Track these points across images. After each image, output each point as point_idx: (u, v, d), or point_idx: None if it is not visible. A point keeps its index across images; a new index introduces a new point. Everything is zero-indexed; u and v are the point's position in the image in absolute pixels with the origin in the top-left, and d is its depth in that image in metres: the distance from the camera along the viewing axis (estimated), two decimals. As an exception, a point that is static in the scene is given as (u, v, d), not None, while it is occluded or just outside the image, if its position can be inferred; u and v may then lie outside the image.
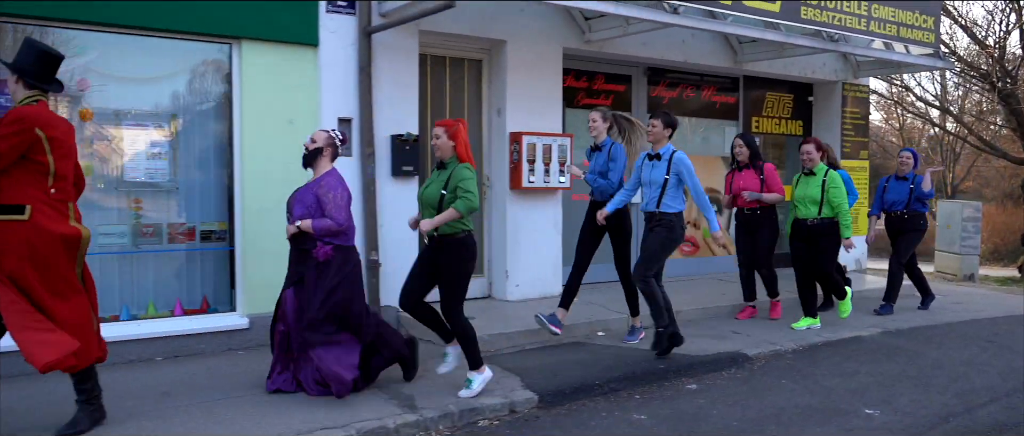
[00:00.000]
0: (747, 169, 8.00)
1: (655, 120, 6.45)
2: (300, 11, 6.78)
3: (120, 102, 6.36)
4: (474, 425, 5.14)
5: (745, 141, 8.05)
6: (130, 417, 4.80)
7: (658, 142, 6.42)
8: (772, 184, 7.89)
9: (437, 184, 5.34)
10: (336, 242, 5.22)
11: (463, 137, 5.38)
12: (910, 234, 8.68)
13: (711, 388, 6.02)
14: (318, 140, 5.41)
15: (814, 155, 7.57)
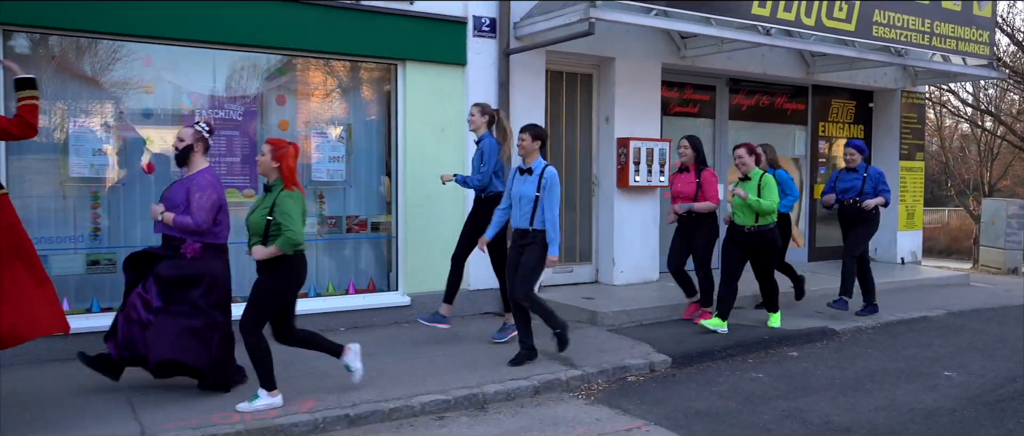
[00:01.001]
0: (687, 172, 7.83)
1: (524, 133, 6.19)
2: (452, 37, 7.91)
3: (308, 113, 7.55)
4: (624, 380, 6.24)
5: (691, 143, 7.84)
6: (319, 374, 5.95)
7: (528, 156, 6.18)
8: (707, 191, 7.66)
9: (262, 210, 5.06)
10: (204, 240, 5.25)
11: (289, 161, 5.07)
12: (861, 227, 8.34)
13: (810, 355, 7.08)
14: (185, 138, 5.32)
15: (747, 160, 7.40)
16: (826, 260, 11.88)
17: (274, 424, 4.86)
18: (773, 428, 5.15)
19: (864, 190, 8.26)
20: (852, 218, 8.38)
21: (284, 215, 4.92)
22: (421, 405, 5.36)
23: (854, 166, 8.41)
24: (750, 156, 7.41)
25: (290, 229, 4.91)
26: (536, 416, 5.39)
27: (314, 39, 7.22)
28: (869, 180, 8.29)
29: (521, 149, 6.20)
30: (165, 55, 6.83)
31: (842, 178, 8.49)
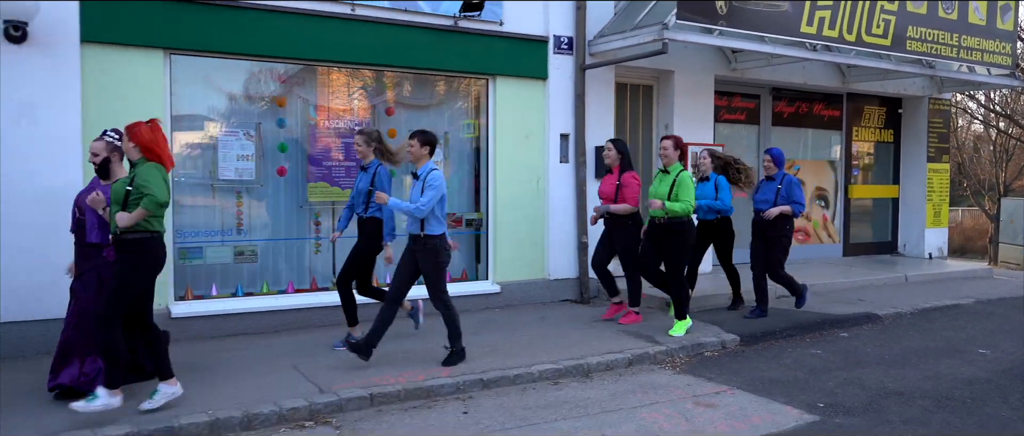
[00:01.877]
0: (611, 174, 7.82)
1: (412, 139, 6.18)
2: (536, 54, 8.83)
3: (413, 123, 8.48)
4: (701, 355, 7.15)
5: (616, 146, 7.78)
6: (434, 350, 6.89)
7: (418, 161, 6.18)
8: (626, 194, 7.60)
9: (123, 182, 5.10)
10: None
11: (143, 136, 5.04)
12: (777, 241, 8.01)
13: (859, 336, 7.97)
14: (100, 151, 5.39)
15: (670, 153, 7.28)
16: (859, 255, 12.73)
17: (424, 386, 5.80)
18: (838, 392, 6.04)
19: (777, 201, 7.93)
20: (768, 232, 8.01)
21: (143, 181, 4.92)
22: (538, 372, 6.28)
23: (771, 175, 8.10)
24: (675, 150, 7.29)
25: (150, 190, 4.88)
26: (635, 382, 6.30)
27: (421, 58, 8.16)
28: (783, 190, 7.94)
29: (411, 155, 6.21)
30: (296, 73, 7.79)
31: (761, 188, 8.21)
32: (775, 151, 8.18)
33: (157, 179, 4.97)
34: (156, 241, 5.11)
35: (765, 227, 8.00)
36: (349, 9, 7.68)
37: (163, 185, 4.99)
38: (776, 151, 8.18)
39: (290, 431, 5.11)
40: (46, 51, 6.35)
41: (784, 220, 7.95)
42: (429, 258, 6.12)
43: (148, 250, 5.06)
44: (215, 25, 7.07)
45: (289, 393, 5.54)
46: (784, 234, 7.99)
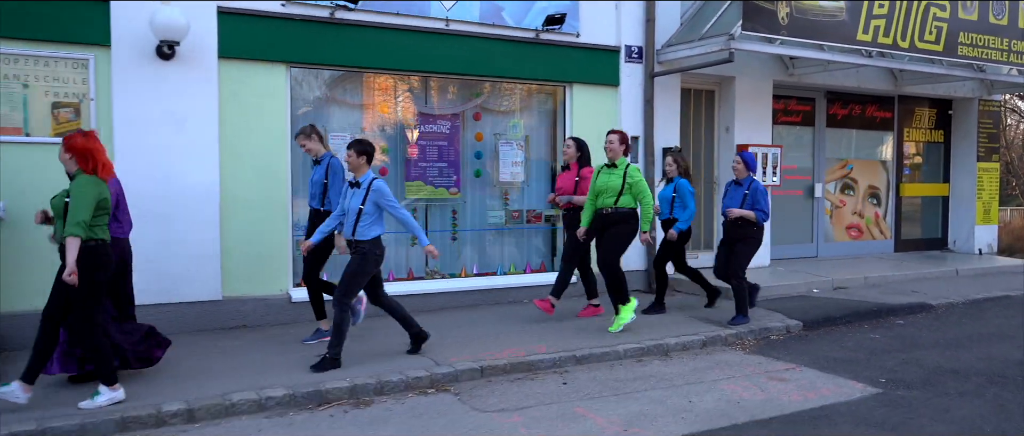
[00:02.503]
0: (569, 170, 8.06)
1: (349, 149, 6.35)
2: (608, 63, 9.52)
3: (497, 127, 9.23)
4: (768, 338, 7.78)
5: (576, 143, 8.02)
6: (529, 332, 7.60)
7: (356, 171, 6.36)
8: (583, 187, 7.82)
9: (61, 194, 5.24)
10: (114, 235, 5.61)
11: (76, 147, 5.15)
12: (740, 245, 7.93)
13: (913, 323, 8.53)
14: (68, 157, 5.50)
15: (616, 147, 7.43)
16: (910, 251, 13.19)
17: (526, 360, 6.52)
18: (897, 370, 6.64)
19: (743, 206, 7.93)
20: (732, 235, 8.05)
21: (77, 199, 5.03)
22: (623, 351, 6.98)
23: (739, 179, 8.10)
24: (620, 144, 7.43)
25: (79, 219, 4.98)
26: (710, 360, 6.97)
27: (505, 67, 8.90)
28: (749, 196, 7.93)
29: (349, 165, 6.38)
30: (397, 82, 8.59)
31: (729, 192, 8.19)
32: (747, 155, 8.16)
33: (86, 197, 5.04)
34: (103, 247, 5.22)
35: (731, 230, 8.04)
36: (444, 25, 8.45)
37: (90, 204, 5.06)
38: (748, 155, 8.18)
39: (416, 396, 5.87)
40: (190, 66, 7.20)
41: (749, 225, 7.93)
42: (357, 261, 6.26)
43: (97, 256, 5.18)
44: (329, 41, 7.88)
45: (410, 365, 6.30)
46: (750, 237, 7.96)
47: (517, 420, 5.34)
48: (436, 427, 5.19)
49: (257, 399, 5.49)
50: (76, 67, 6.85)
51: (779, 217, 11.39)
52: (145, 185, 7.02)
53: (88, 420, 4.98)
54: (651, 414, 5.48)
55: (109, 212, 5.30)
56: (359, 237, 6.26)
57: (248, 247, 7.58)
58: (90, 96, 6.90)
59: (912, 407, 5.62)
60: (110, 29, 6.90)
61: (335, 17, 7.87)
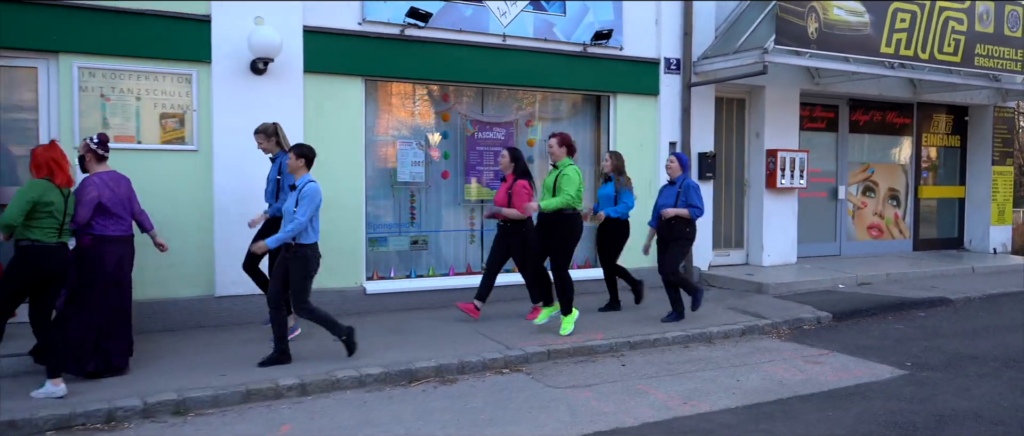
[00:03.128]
0: (505, 181, 8.04)
1: (289, 153, 6.46)
2: (649, 74, 10.22)
3: (547, 132, 9.91)
4: (800, 327, 8.46)
5: (511, 154, 7.97)
6: (585, 321, 8.30)
7: (295, 172, 6.43)
8: (515, 200, 7.78)
9: None
10: (92, 233, 5.98)
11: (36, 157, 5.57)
12: (674, 244, 8.12)
13: (933, 315, 9.19)
14: (80, 150, 6.21)
15: (556, 150, 7.46)
16: (928, 250, 13.82)
17: (586, 345, 7.23)
18: (921, 355, 7.31)
19: (676, 205, 8.07)
20: (666, 235, 8.21)
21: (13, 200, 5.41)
22: (672, 338, 7.67)
23: (673, 178, 8.22)
24: (560, 147, 7.46)
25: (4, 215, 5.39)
26: (750, 346, 7.66)
27: (556, 79, 9.61)
28: (682, 194, 8.07)
29: (289, 167, 6.44)
30: (455, 92, 9.32)
31: (662, 192, 8.34)
32: (681, 155, 8.28)
33: (19, 200, 5.37)
34: (36, 249, 5.48)
35: (665, 230, 8.18)
36: (501, 40, 9.17)
37: (20, 206, 5.36)
38: (681, 155, 8.29)
39: (494, 375, 6.59)
40: (279, 80, 7.94)
41: (684, 223, 8.07)
42: (299, 267, 6.31)
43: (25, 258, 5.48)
44: (399, 56, 8.61)
45: (485, 348, 7.02)
46: (683, 236, 8.11)
47: (588, 395, 6.04)
48: (518, 400, 5.91)
49: (358, 376, 6.22)
50: (181, 81, 7.60)
51: (805, 218, 12.06)
52: (240, 186, 7.77)
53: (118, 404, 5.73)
54: (704, 390, 6.18)
55: (53, 215, 5.51)
56: (301, 242, 6.30)
57: (327, 243, 8.26)
58: (193, 107, 7.66)
59: (936, 386, 6.29)
60: (211, 47, 7.65)
61: (405, 34, 8.60)
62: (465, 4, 8.92)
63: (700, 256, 10.64)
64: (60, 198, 5.60)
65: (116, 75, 7.35)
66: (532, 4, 9.33)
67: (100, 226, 6.01)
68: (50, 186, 5.55)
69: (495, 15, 9.10)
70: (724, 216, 11.40)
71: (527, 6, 9.30)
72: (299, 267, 6.31)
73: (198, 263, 7.72)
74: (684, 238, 8.13)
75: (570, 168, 7.37)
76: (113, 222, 6.09)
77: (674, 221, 8.08)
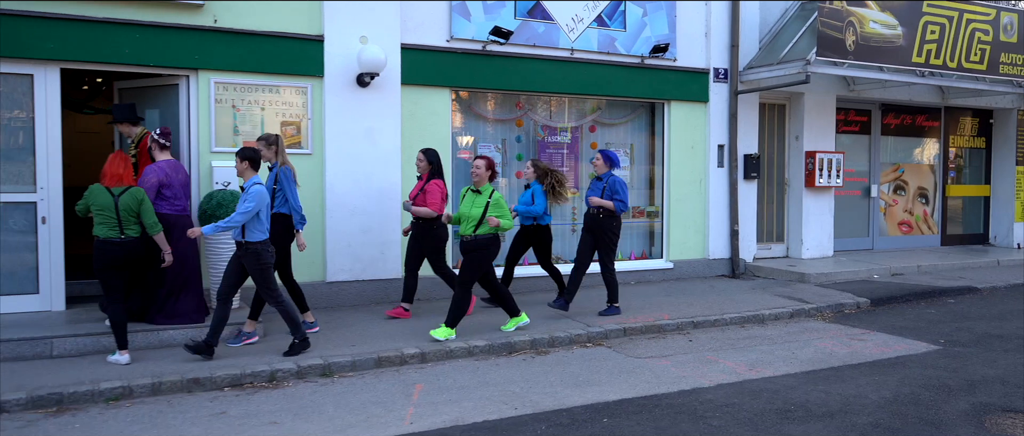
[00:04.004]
0: (421, 180, 8.18)
1: (236, 156, 6.74)
2: (700, 83, 11.17)
3: (609, 137, 10.92)
4: (842, 312, 9.37)
5: (426, 156, 8.14)
6: (648, 305, 9.27)
7: (242, 175, 6.70)
8: (426, 200, 7.94)
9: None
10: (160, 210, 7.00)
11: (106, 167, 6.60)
12: (603, 234, 8.40)
13: (962, 302, 10.07)
14: (146, 141, 7.39)
15: (482, 173, 7.44)
16: (955, 245, 14.66)
17: (656, 324, 8.20)
18: (953, 334, 8.20)
19: (603, 196, 8.37)
20: (593, 226, 8.49)
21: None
22: (729, 318, 8.62)
23: (599, 174, 8.53)
24: (486, 170, 7.46)
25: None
26: (799, 327, 8.59)
27: (617, 88, 10.58)
28: (607, 189, 8.35)
29: (237, 171, 6.77)
30: (528, 101, 10.32)
31: (591, 187, 8.63)
32: (607, 152, 8.60)
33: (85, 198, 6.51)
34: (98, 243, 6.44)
35: (592, 224, 8.46)
36: (569, 54, 10.15)
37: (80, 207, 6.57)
38: (609, 153, 8.61)
39: (580, 348, 7.58)
40: (380, 92, 8.96)
41: (610, 218, 8.35)
42: (251, 262, 6.65)
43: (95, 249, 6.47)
44: (481, 69, 9.62)
45: (568, 326, 8.01)
46: (609, 230, 8.38)
47: (666, 363, 7.02)
48: (608, 366, 6.90)
49: (467, 347, 7.23)
50: (298, 93, 8.65)
51: (840, 214, 12.94)
52: (347, 185, 8.81)
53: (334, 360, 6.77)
54: (766, 360, 7.14)
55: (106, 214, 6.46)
56: (250, 239, 6.62)
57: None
58: (308, 116, 8.70)
59: (967, 358, 7.21)
60: (324, 64, 8.69)
61: (486, 50, 9.61)
62: (538, 22, 9.92)
63: (745, 249, 11.57)
64: (110, 200, 6.49)
65: (245, 88, 8.40)
66: (597, 21, 10.31)
67: (157, 205, 7.01)
68: (101, 191, 6.51)
69: (564, 31, 10.09)
70: (766, 213, 12.33)
71: (592, 23, 10.27)
72: (252, 262, 6.67)
73: (311, 253, 8.74)
74: (610, 230, 8.40)
75: (498, 194, 7.47)
76: (167, 203, 7.16)
77: (601, 215, 8.37)
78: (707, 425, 5.33)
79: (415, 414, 5.60)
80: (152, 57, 7.93)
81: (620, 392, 6.12)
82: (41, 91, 7.61)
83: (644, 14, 10.62)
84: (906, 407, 5.72)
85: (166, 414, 5.62)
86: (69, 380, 6.02)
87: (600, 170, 8.55)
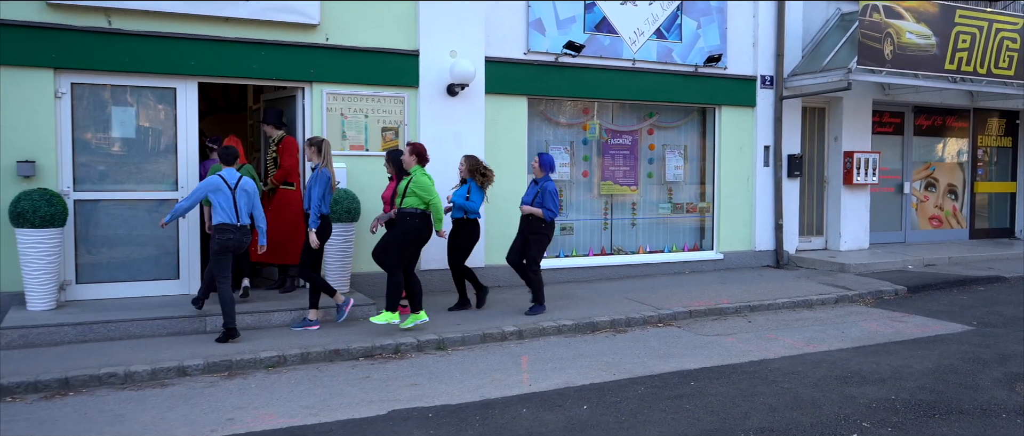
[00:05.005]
0: (392, 181, 8.44)
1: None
2: (748, 89, 12.11)
3: (665, 138, 11.88)
4: (881, 298, 10.30)
5: (390, 157, 8.45)
6: (707, 291, 10.24)
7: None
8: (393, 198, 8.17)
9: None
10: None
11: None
12: (532, 237, 8.70)
13: (991, 290, 10.95)
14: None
15: (407, 158, 7.94)
16: (982, 239, 15.50)
17: (718, 307, 9.17)
18: (984, 317, 9.11)
19: (533, 203, 8.64)
20: (524, 228, 8.79)
21: None
22: (781, 303, 9.58)
23: (537, 178, 8.81)
24: (411, 155, 7.94)
25: None
26: (844, 310, 9.53)
27: (673, 94, 11.55)
28: (539, 195, 8.62)
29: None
30: (594, 106, 11.31)
31: (528, 189, 8.94)
32: (544, 157, 8.86)
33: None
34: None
35: (525, 225, 8.77)
36: (631, 64, 11.13)
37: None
38: (545, 157, 8.84)
39: (653, 328, 8.57)
40: (467, 100, 9.98)
41: (538, 221, 8.63)
42: (212, 245, 7.53)
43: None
44: (554, 78, 10.62)
45: (639, 309, 9.01)
46: (539, 232, 8.66)
47: (733, 340, 8.00)
48: (682, 342, 7.89)
49: (556, 326, 8.25)
50: (396, 102, 9.69)
51: (875, 209, 13.84)
52: (438, 184, 9.80)
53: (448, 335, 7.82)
54: (819, 338, 8.10)
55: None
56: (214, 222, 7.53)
57: (501, 228, 10.33)
58: (405, 122, 9.74)
59: (997, 336, 8.13)
60: (419, 75, 9.72)
61: (559, 61, 10.61)
62: (605, 36, 10.90)
63: (789, 241, 12.51)
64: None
65: (351, 98, 9.46)
66: (656, 34, 11.28)
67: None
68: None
69: (627, 44, 11.07)
70: (807, 208, 13.25)
71: (652, 36, 11.25)
72: (215, 247, 7.48)
73: (407, 243, 9.79)
74: (541, 234, 8.69)
75: (416, 170, 7.87)
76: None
77: (531, 217, 8.68)
78: (780, 387, 6.32)
79: (530, 378, 6.63)
80: (275, 71, 9.00)
81: (698, 362, 7.12)
82: (182, 102, 8.70)
83: (698, 27, 11.58)
84: (946, 375, 6.67)
85: (320, 378, 6.68)
86: (231, 351, 7.09)
87: (537, 174, 8.83)
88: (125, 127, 8.60)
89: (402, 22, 9.64)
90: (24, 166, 7.96)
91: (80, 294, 8.37)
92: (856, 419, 5.54)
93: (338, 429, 5.42)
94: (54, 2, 7.97)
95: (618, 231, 11.49)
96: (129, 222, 8.60)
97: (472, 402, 5.99)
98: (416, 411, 5.77)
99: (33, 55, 7.99)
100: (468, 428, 5.40)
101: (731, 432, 5.28)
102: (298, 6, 8.93)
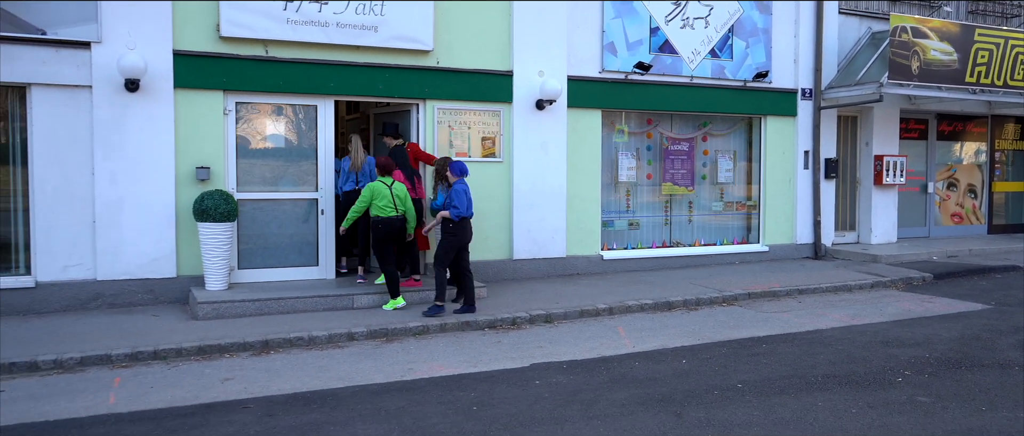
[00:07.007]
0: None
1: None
2: (789, 100, 13.56)
3: (718, 144, 13.37)
4: (911, 284, 11.74)
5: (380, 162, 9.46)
6: (758, 279, 11.73)
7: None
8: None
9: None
10: None
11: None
12: (443, 235, 9.21)
13: (1008, 276, 12.36)
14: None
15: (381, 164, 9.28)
16: (1000, 234, 16.86)
17: (771, 290, 10.67)
18: (1002, 299, 10.50)
19: (445, 206, 9.20)
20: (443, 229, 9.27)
21: None
22: (824, 288, 11.04)
23: (450, 183, 9.29)
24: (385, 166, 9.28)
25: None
26: (878, 294, 10.99)
27: (725, 106, 13.04)
28: (447, 196, 9.24)
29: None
30: (657, 117, 12.83)
31: (438, 196, 9.72)
32: (453, 164, 9.29)
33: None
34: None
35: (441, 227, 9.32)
36: (689, 80, 12.64)
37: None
38: (454, 163, 9.31)
39: (719, 307, 10.08)
40: (552, 113, 11.51)
41: (447, 222, 9.13)
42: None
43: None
44: (624, 94, 12.14)
45: (704, 291, 10.52)
46: (446, 231, 9.17)
47: (788, 315, 9.50)
48: (746, 317, 9.40)
49: (639, 305, 9.78)
50: (494, 116, 11.23)
51: (902, 207, 15.24)
52: (527, 186, 11.39)
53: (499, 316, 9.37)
54: (862, 314, 9.57)
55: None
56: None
57: (579, 224, 11.86)
58: (501, 133, 11.30)
59: (1013, 314, 9.57)
60: (512, 92, 11.27)
61: (628, 79, 12.13)
62: (667, 56, 12.42)
63: (825, 235, 13.96)
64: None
65: (457, 113, 11.03)
66: (710, 53, 12.77)
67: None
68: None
69: (686, 62, 12.58)
70: (841, 206, 14.69)
71: (707, 55, 12.74)
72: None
73: (501, 237, 11.32)
74: (449, 233, 9.15)
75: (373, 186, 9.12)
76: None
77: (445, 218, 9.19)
78: (835, 348, 7.82)
79: (632, 342, 8.16)
80: (397, 90, 10.59)
81: (765, 331, 8.63)
82: (322, 117, 10.31)
83: (747, 46, 13.07)
84: (970, 340, 8.14)
85: (461, 342, 8.24)
86: (385, 321, 8.68)
87: (451, 180, 9.27)
88: (276, 138, 10.22)
89: (499, 46, 11.19)
90: (201, 171, 9.58)
91: (241, 278, 9.97)
92: (899, 369, 7.03)
93: (498, 375, 6.97)
94: (224, 35, 9.58)
95: (676, 226, 12.98)
96: (279, 217, 10.20)
97: (593, 358, 7.54)
98: (552, 365, 7.32)
99: (207, 79, 9.61)
100: (598, 374, 6.94)
101: (804, 376, 6.81)
102: (416, 34, 10.50)
